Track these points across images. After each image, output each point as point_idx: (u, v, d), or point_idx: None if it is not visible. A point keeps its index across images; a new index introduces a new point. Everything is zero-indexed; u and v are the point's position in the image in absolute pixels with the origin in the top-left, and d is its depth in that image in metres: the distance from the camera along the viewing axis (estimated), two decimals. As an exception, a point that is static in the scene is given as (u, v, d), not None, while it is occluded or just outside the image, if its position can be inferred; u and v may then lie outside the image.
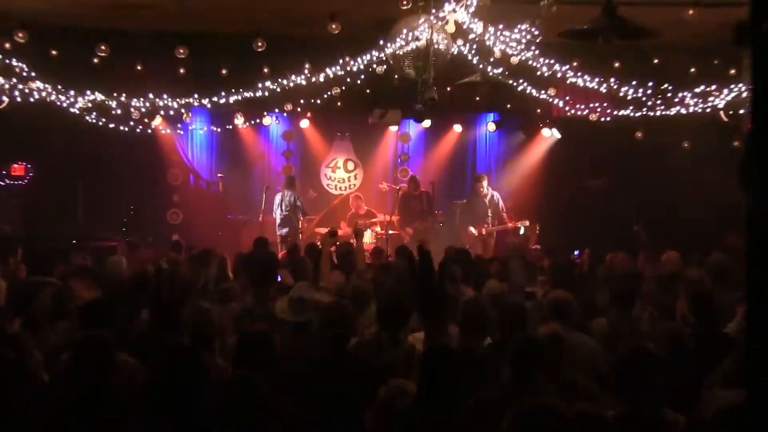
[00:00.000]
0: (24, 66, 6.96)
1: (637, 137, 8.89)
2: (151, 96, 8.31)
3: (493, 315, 3.40)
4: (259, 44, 7.40)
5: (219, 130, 10.16)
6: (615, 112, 8.60)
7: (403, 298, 3.35)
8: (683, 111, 7.73)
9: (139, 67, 8.18)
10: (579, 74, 7.65)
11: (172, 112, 8.77)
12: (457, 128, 10.56)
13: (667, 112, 7.91)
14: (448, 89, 8.00)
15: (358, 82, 8.14)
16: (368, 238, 8.81)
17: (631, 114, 8.48)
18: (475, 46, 6.41)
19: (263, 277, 4.21)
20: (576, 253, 6.56)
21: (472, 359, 2.82)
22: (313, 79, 7.92)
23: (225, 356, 3.11)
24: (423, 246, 3.42)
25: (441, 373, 2.25)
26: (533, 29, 5.83)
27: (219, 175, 10.20)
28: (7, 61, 6.84)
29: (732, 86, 7.15)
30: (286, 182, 9.28)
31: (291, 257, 5.91)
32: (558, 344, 2.84)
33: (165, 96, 8.39)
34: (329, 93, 8.48)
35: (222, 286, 4.47)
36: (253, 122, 9.77)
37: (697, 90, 7.38)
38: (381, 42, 6.63)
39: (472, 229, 9.08)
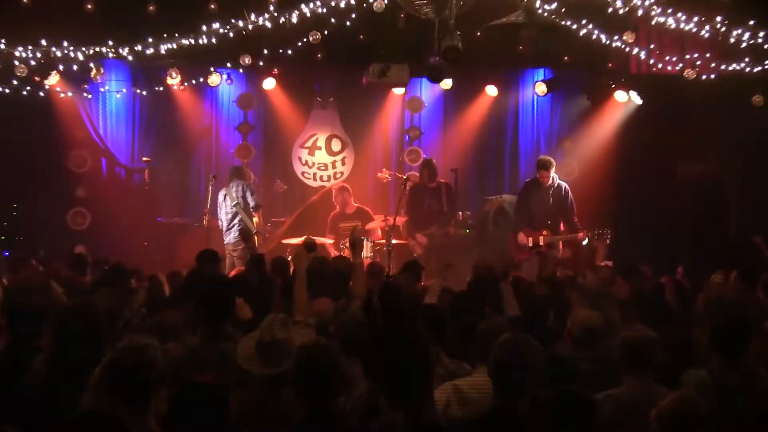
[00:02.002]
0: None
1: (755, 103, 9.02)
2: (44, 43, 8.28)
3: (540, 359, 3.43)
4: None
5: (144, 93, 10.25)
6: (722, 67, 8.79)
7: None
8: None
9: (25, 0, 8.32)
10: (669, 12, 7.67)
11: (75, 68, 8.79)
12: (491, 91, 10.70)
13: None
14: (478, 35, 8.04)
15: (348, 24, 8.18)
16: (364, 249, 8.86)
17: (746, 69, 8.54)
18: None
19: (215, 308, 4.19)
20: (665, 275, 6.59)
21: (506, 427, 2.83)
22: (282, 20, 7.96)
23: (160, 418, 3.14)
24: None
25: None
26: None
27: (144, 159, 10.29)
28: None
29: None
30: (232, 173, 9.36)
31: (249, 277, 5.97)
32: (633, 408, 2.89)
33: (65, 44, 8.37)
34: (305, 40, 8.57)
35: (152, 320, 4.52)
36: (194, 82, 9.87)
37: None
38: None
39: (523, 237, 8.97)
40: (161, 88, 9.82)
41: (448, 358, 3.90)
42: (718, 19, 7.72)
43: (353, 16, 7.87)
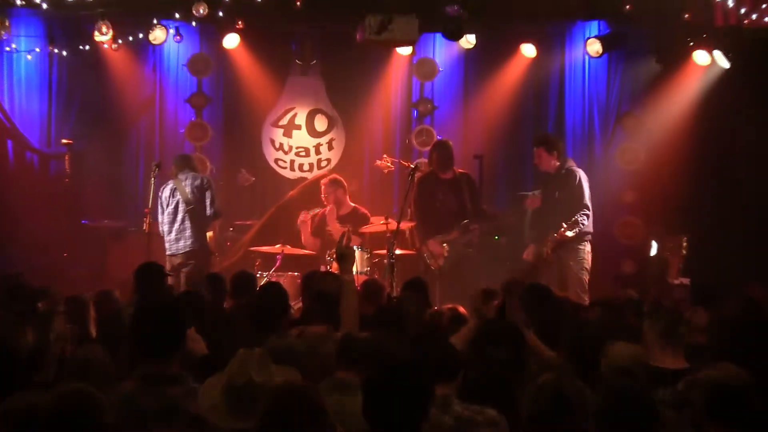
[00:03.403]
0: None
1: None
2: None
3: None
4: None
5: (65, 54, 10.23)
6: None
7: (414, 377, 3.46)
8: None
9: None
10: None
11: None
12: (528, 51, 10.72)
13: None
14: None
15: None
16: (356, 263, 8.83)
17: None
18: None
19: (157, 341, 4.12)
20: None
21: None
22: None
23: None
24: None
25: None
26: None
27: (65, 141, 10.33)
28: None
29: None
30: (178, 162, 9.32)
31: (204, 299, 5.96)
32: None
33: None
34: (279, -18, 8.84)
35: (77, 354, 4.46)
36: (130, 39, 9.96)
37: None
38: None
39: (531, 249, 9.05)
40: (87, 47, 9.81)
41: (462, 404, 3.93)
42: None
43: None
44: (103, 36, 9.41)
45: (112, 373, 4.23)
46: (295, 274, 8.99)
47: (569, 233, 8.56)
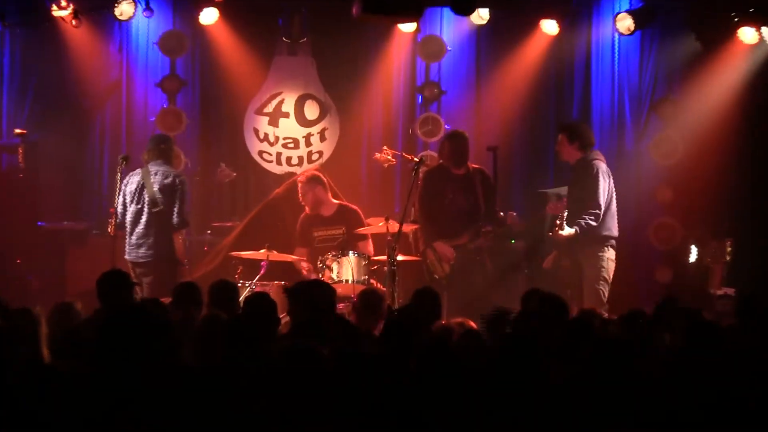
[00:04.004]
0: None
1: None
2: None
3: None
4: None
5: (18, 31, 10.16)
6: None
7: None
8: None
9: None
10: None
11: None
12: (549, 27, 10.71)
13: None
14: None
15: None
16: (349, 271, 8.87)
17: None
18: None
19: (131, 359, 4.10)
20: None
21: None
22: None
23: None
24: None
25: None
26: None
27: (18, 132, 10.26)
28: None
29: None
30: (152, 147, 9.15)
31: (172, 315, 5.88)
32: None
33: None
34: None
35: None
36: (93, 13, 9.86)
37: None
38: None
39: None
40: (44, 23, 9.75)
41: None
42: None
43: None
44: (63, 11, 9.37)
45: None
46: (283, 283, 8.90)
47: (563, 232, 8.49)
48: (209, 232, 10.28)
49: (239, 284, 8.56)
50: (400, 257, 8.71)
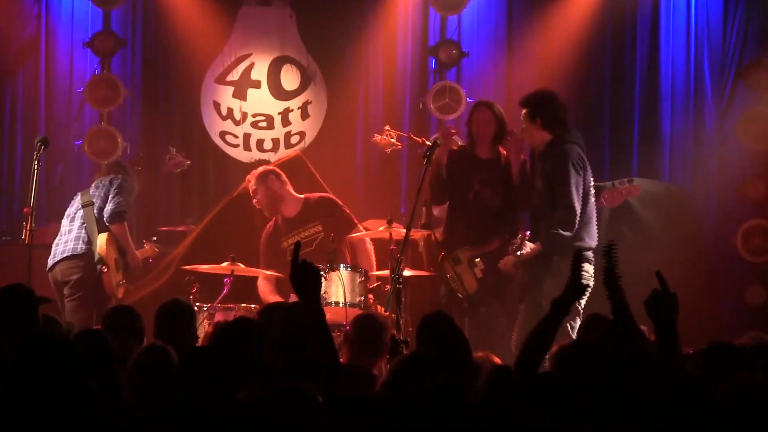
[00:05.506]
0: None
1: None
2: None
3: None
4: None
5: None
6: None
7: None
8: None
9: None
10: None
11: None
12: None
13: None
14: None
15: None
16: (339, 291, 9.08)
17: None
18: None
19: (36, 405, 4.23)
20: None
21: None
22: None
23: None
24: None
25: None
26: None
27: None
28: None
29: None
30: (113, 168, 9.31)
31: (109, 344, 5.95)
32: None
33: None
34: None
35: None
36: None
37: None
38: None
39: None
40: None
41: None
42: None
43: None
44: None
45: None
46: (252, 306, 8.98)
47: (523, 251, 8.52)
48: (155, 239, 10.15)
49: (195, 307, 8.66)
50: (407, 272, 8.70)
